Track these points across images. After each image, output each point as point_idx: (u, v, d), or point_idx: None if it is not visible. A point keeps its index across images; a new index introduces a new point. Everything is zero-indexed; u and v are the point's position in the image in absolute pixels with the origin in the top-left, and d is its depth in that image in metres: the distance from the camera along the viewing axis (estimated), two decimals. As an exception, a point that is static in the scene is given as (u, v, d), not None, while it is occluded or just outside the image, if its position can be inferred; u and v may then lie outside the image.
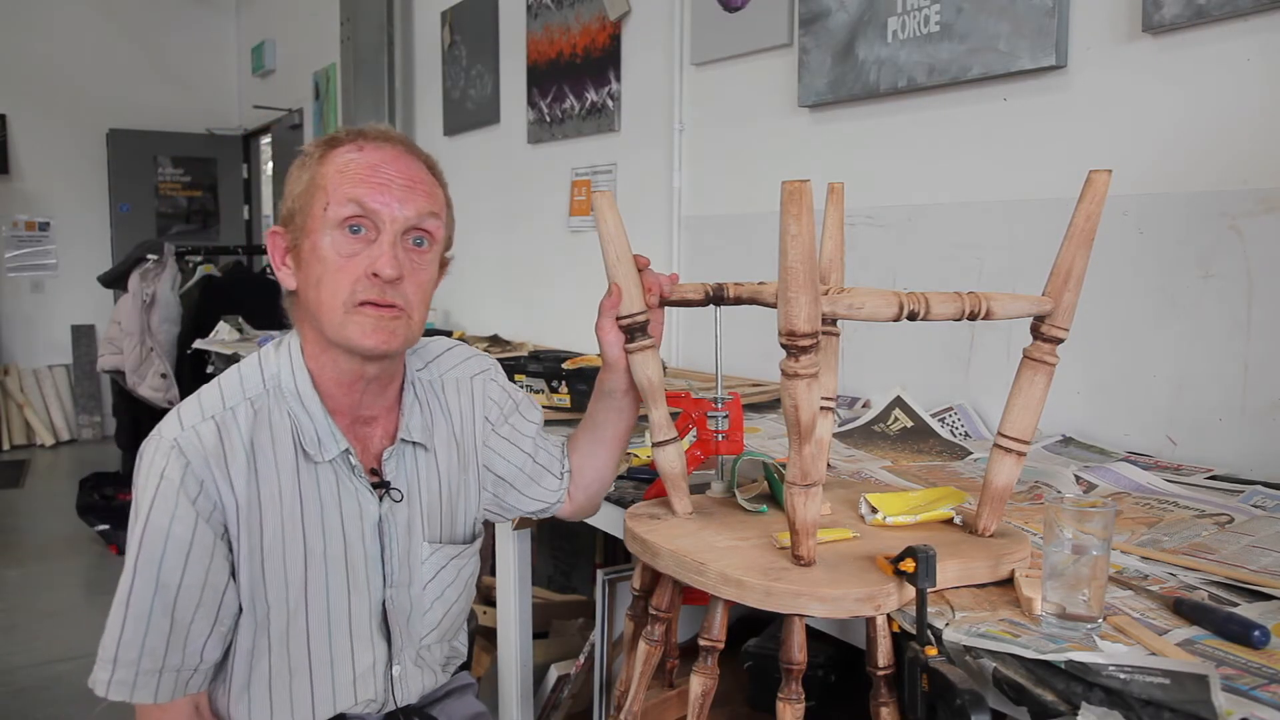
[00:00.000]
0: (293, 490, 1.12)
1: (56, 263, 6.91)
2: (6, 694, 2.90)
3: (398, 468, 1.21)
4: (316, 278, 1.09)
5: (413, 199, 1.11)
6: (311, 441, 1.13)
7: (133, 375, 4.53)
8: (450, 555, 1.26)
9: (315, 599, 1.14)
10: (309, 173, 1.12)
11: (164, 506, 1.06)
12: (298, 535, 1.13)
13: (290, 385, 1.14)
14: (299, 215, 1.11)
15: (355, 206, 1.08)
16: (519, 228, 3.58)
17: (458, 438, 1.28)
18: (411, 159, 1.14)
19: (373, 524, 1.18)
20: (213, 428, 1.09)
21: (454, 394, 1.29)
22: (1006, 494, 1.07)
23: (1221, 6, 1.48)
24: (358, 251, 1.08)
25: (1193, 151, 1.57)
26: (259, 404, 1.12)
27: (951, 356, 1.96)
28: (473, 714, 1.39)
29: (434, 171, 1.17)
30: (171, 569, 1.06)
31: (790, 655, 0.96)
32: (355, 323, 1.08)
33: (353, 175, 1.09)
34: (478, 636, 2.40)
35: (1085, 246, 1.02)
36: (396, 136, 1.15)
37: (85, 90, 6.87)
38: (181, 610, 1.07)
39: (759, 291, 1.10)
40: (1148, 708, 0.76)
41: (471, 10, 3.81)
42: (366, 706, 1.22)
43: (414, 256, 1.12)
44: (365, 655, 1.19)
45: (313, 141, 1.16)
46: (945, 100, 1.96)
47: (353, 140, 1.12)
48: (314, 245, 1.09)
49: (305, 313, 1.14)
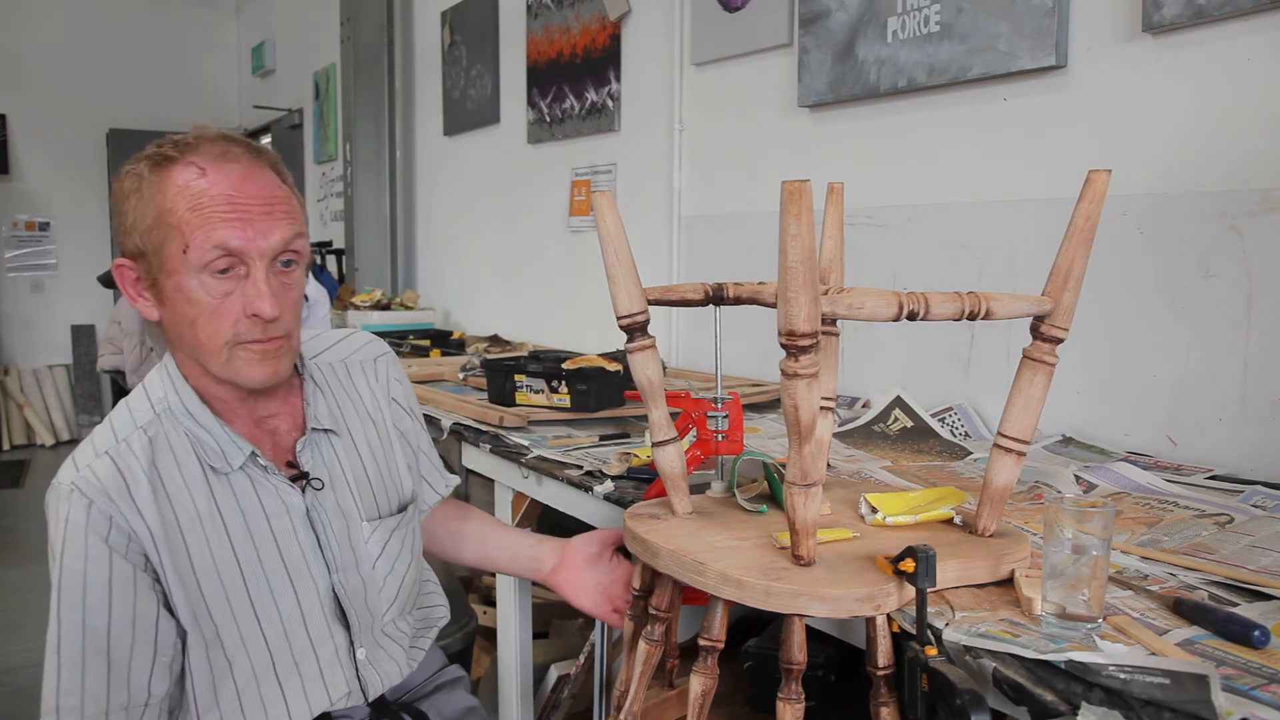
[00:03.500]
0: (209, 506, 1.11)
1: (56, 263, 6.92)
2: (6, 694, 2.90)
3: (314, 456, 1.21)
4: (190, 319, 1.07)
5: (275, 227, 1.07)
6: (216, 455, 1.12)
7: (133, 375, 4.52)
8: (391, 528, 1.26)
9: (262, 604, 1.13)
10: (151, 206, 1.05)
11: (75, 550, 1.04)
12: (225, 548, 1.11)
13: (179, 406, 1.13)
14: (152, 254, 1.06)
15: (219, 250, 1.04)
16: (519, 228, 3.58)
17: (371, 415, 1.29)
18: (260, 172, 1.08)
19: (301, 516, 1.17)
20: (107, 462, 1.07)
21: (360, 375, 1.30)
22: (1006, 494, 1.07)
23: (1221, 6, 1.48)
24: (230, 290, 1.06)
25: (1193, 151, 1.57)
26: (153, 430, 1.11)
27: (951, 356, 1.96)
28: (464, 708, 1.38)
29: (281, 175, 1.12)
30: (96, 610, 1.04)
31: (790, 655, 0.96)
32: (240, 361, 1.08)
33: (207, 213, 1.03)
34: (477, 636, 2.40)
35: (1085, 246, 1.02)
36: (236, 147, 1.08)
37: (85, 90, 6.88)
38: (116, 649, 1.05)
39: (759, 291, 1.10)
40: (1148, 708, 0.76)
41: (471, 10, 3.81)
42: (345, 701, 1.21)
43: (285, 278, 1.10)
44: (326, 645, 1.18)
45: (140, 158, 1.08)
46: (945, 100, 1.96)
47: (188, 159, 1.05)
48: (178, 285, 1.05)
49: (180, 345, 1.11)
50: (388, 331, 3.58)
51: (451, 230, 4.17)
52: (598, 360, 2.01)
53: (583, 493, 1.57)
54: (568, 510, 1.69)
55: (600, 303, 1.33)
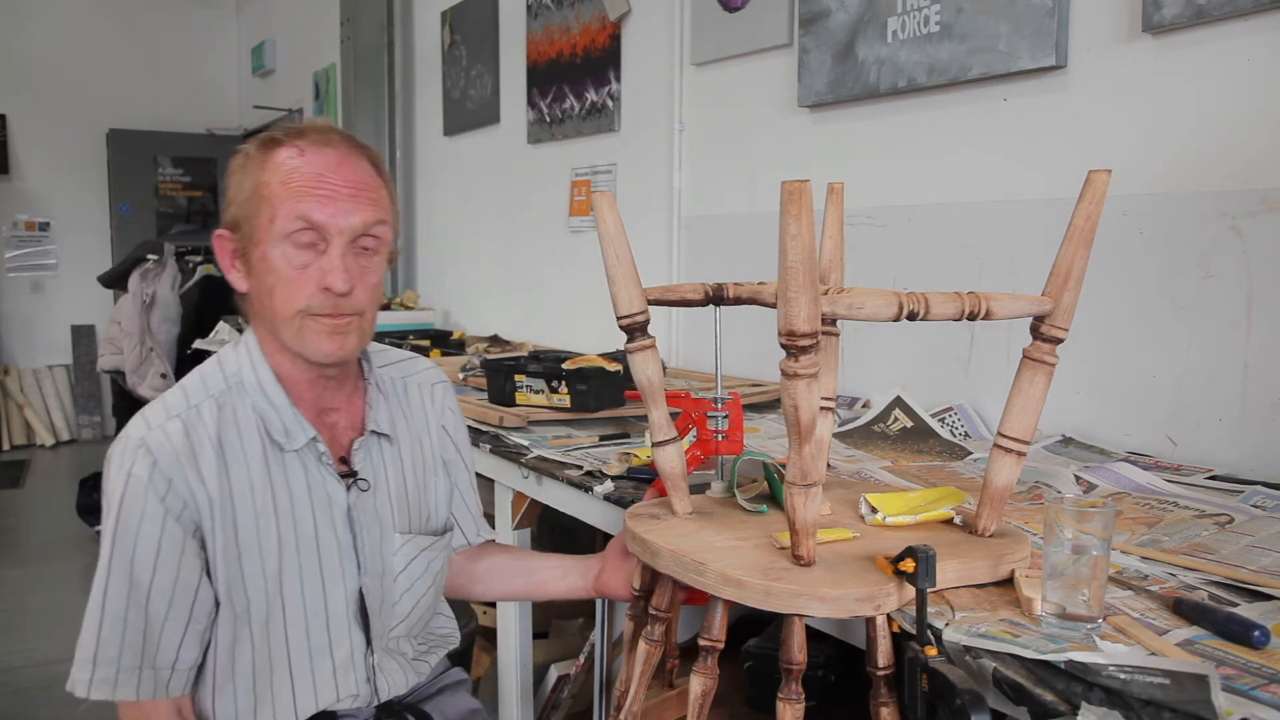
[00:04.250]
0: (264, 482, 1.14)
1: (56, 263, 6.91)
2: (6, 694, 2.90)
3: (365, 459, 1.24)
4: (269, 287, 1.11)
5: (359, 209, 1.12)
6: (279, 431, 1.15)
7: (133, 375, 4.53)
8: (421, 547, 1.28)
9: (291, 590, 1.15)
10: (251, 179, 1.12)
11: (133, 505, 1.07)
12: (271, 527, 1.14)
13: (253, 380, 1.16)
14: (245, 223, 1.12)
15: (302, 221, 1.09)
16: (519, 228, 3.58)
17: (419, 436, 1.32)
18: (355, 160, 1.14)
19: (342, 513, 1.19)
20: (179, 426, 1.11)
21: (416, 395, 1.34)
22: (1006, 494, 1.07)
23: (1221, 6, 1.48)
24: (309, 263, 1.10)
25: (1193, 151, 1.57)
26: (223, 400, 1.15)
27: (951, 356, 1.96)
28: (467, 710, 1.39)
29: (378, 168, 1.18)
30: (143, 566, 1.07)
31: (790, 655, 0.96)
32: (310, 334, 1.12)
33: (297, 187, 1.09)
34: (477, 636, 2.40)
35: (1085, 246, 1.02)
36: (338, 136, 1.15)
37: (85, 90, 6.87)
38: (154, 608, 1.08)
39: (759, 291, 1.10)
40: (1148, 708, 0.76)
41: (471, 10, 3.81)
42: (352, 702, 1.22)
43: (363, 261, 1.14)
44: (343, 645, 1.20)
45: (252, 140, 1.16)
46: (945, 100, 1.96)
47: (292, 142, 1.12)
48: (264, 255, 1.11)
49: (260, 315, 1.16)
50: (388, 332, 3.58)
51: (451, 230, 4.17)
52: (598, 360, 2.01)
53: (583, 493, 1.57)
54: (568, 510, 1.69)
55: (600, 303, 1.33)
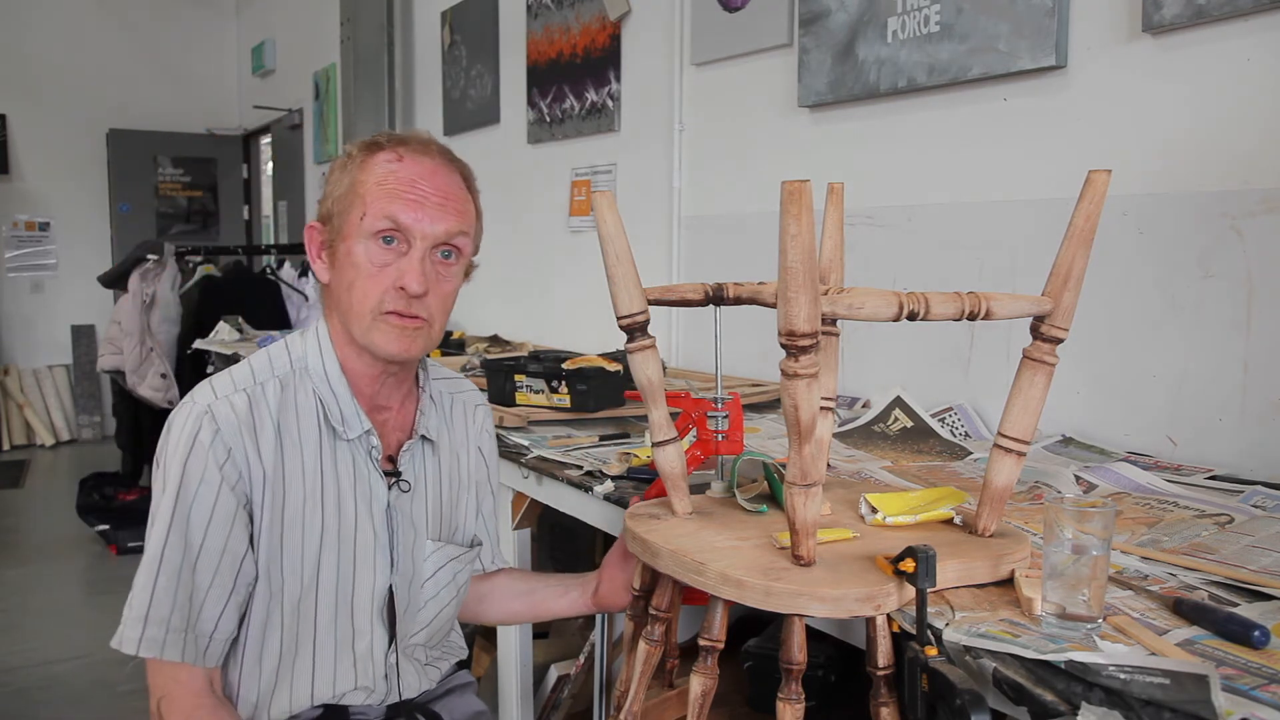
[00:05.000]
0: (315, 466, 1.18)
1: (56, 263, 6.91)
2: (6, 694, 2.90)
3: (410, 462, 1.27)
4: (349, 281, 1.16)
5: (444, 217, 1.16)
6: (337, 418, 1.19)
7: (133, 375, 4.53)
8: (450, 556, 1.31)
9: (326, 575, 1.18)
10: (350, 177, 1.17)
11: (195, 468, 1.10)
12: (316, 510, 1.17)
13: (318, 367, 1.20)
14: (336, 218, 1.17)
15: (389, 221, 1.14)
16: (519, 228, 3.58)
17: (458, 451, 1.36)
18: (448, 172, 1.20)
19: (382, 509, 1.23)
20: (244, 399, 1.14)
21: (460, 413, 1.38)
22: (1006, 494, 1.07)
23: (1221, 6, 1.48)
24: (389, 262, 1.15)
25: (1193, 151, 1.57)
26: (286, 381, 1.18)
27: (951, 356, 1.96)
28: (473, 712, 1.40)
29: (469, 183, 1.23)
30: (197, 528, 1.10)
31: (790, 655, 0.96)
32: (380, 330, 1.15)
33: (390, 189, 1.14)
34: (478, 636, 2.40)
35: (1085, 246, 1.02)
36: (436, 147, 1.20)
37: (85, 90, 6.87)
38: (201, 574, 1.11)
39: (759, 291, 1.10)
40: (1148, 708, 0.76)
41: (471, 10, 3.81)
42: (366, 696, 1.23)
43: (440, 269, 1.18)
44: (365, 638, 1.22)
45: (355, 143, 1.21)
46: (945, 100, 1.96)
47: (394, 148, 1.17)
48: (349, 250, 1.15)
49: (336, 307, 1.20)
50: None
51: (451, 230, 4.16)
52: (598, 360, 2.01)
53: (583, 493, 1.57)
54: (568, 510, 1.69)
55: (600, 303, 1.33)
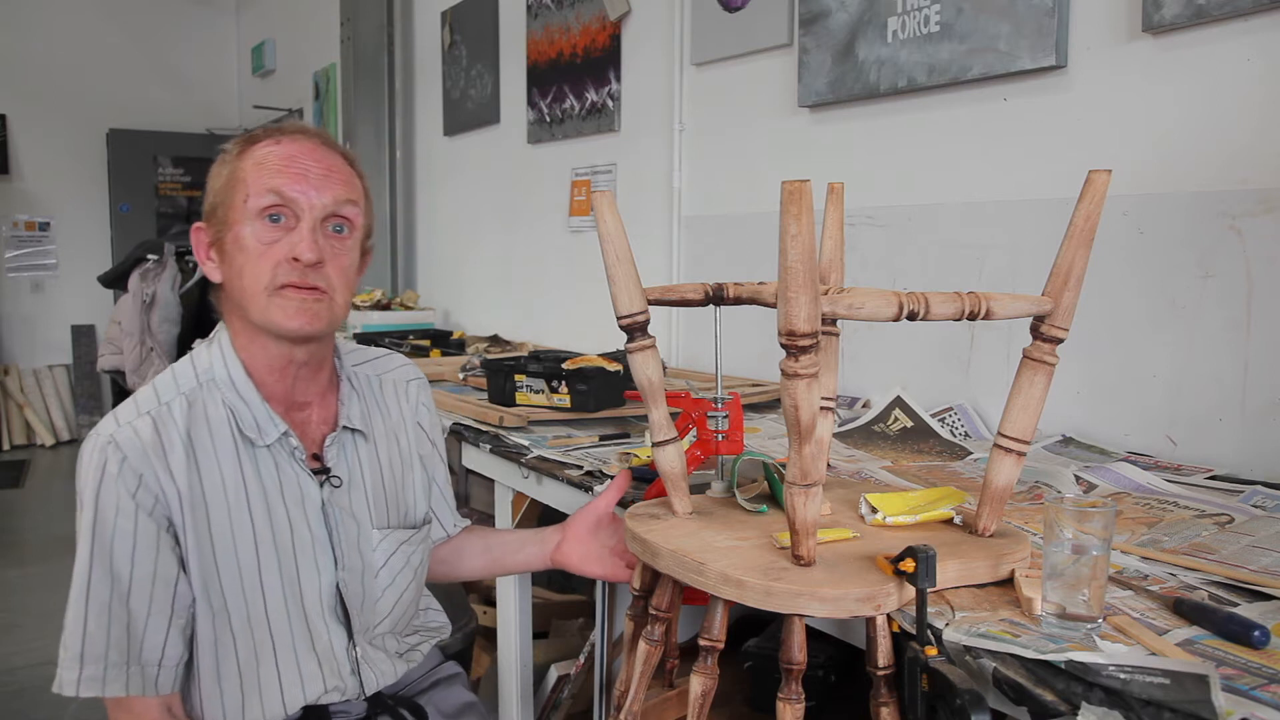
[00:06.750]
0: (235, 478, 1.15)
1: (56, 263, 6.91)
2: (6, 694, 2.90)
3: (339, 455, 1.25)
4: (239, 267, 1.14)
5: (329, 186, 1.15)
6: (250, 426, 1.16)
7: (133, 375, 4.52)
8: (400, 540, 1.29)
9: (270, 583, 1.16)
10: (228, 169, 1.16)
11: (108, 499, 1.08)
12: (245, 521, 1.15)
13: (224, 375, 1.17)
14: (220, 209, 1.16)
15: (274, 196, 1.12)
16: (519, 228, 3.58)
17: (395, 433, 1.33)
18: (328, 150, 1.18)
19: (316, 508, 1.20)
20: (149, 423, 1.12)
21: (391, 393, 1.35)
22: (1006, 494, 1.07)
23: (1221, 6, 1.48)
24: (278, 239, 1.13)
25: (1193, 151, 1.57)
26: (193, 397, 1.16)
27: (951, 356, 1.96)
28: (462, 704, 1.39)
29: (351, 163, 1.22)
30: (122, 559, 1.08)
31: (790, 655, 0.96)
32: (278, 305, 1.13)
33: (270, 167, 1.13)
34: (478, 636, 2.40)
35: (1085, 246, 1.02)
36: (314, 131, 1.19)
37: (85, 90, 6.87)
38: (136, 604, 1.09)
39: (759, 291, 1.10)
40: (1148, 708, 0.76)
41: (471, 10, 3.81)
42: (340, 695, 1.22)
43: (334, 242, 1.16)
44: (323, 637, 1.20)
45: (233, 139, 1.20)
46: (945, 100, 1.96)
47: (271, 136, 1.17)
48: (236, 236, 1.14)
49: (231, 303, 1.18)
50: (388, 332, 3.58)
51: (451, 230, 4.17)
52: (598, 360, 2.01)
53: (583, 493, 1.57)
54: (568, 510, 1.68)
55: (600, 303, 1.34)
